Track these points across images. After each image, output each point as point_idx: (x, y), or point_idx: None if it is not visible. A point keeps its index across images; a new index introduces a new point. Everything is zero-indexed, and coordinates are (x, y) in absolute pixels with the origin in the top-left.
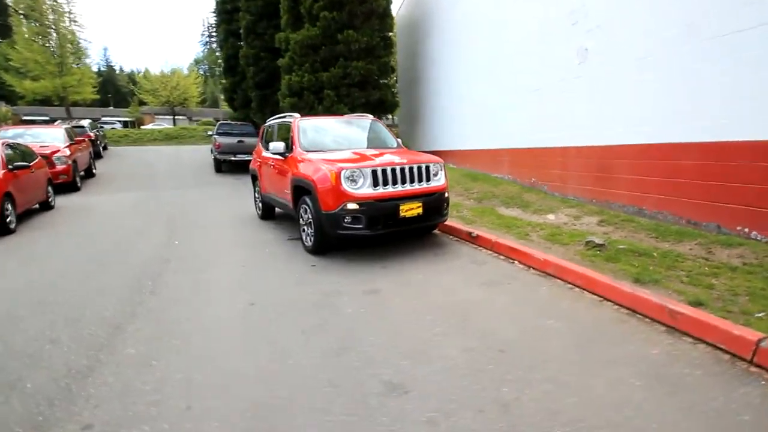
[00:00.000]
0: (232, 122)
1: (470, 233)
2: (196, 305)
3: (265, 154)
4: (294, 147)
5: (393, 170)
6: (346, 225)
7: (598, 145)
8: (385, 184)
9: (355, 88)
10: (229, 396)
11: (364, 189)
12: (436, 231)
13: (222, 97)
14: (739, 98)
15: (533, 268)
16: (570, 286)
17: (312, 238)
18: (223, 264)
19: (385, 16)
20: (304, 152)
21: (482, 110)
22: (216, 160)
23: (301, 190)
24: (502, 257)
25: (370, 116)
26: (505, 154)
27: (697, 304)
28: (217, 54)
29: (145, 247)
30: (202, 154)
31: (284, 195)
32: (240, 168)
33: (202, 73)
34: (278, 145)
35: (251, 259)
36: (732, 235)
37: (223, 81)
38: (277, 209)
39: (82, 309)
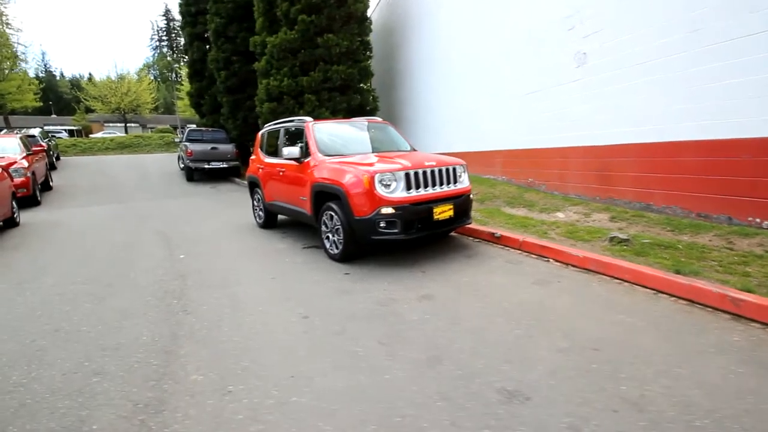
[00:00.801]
0: (203, 128)
1: (493, 234)
2: (244, 322)
3: (268, 160)
4: (311, 152)
5: (424, 173)
6: (381, 230)
7: (599, 145)
8: (418, 187)
9: (336, 92)
10: (348, 418)
11: (398, 192)
12: (453, 233)
13: (178, 103)
14: (744, 98)
15: (572, 266)
16: (617, 281)
17: (340, 245)
18: (248, 277)
19: (363, 20)
20: (324, 157)
21: (469, 114)
22: (188, 168)
23: (326, 195)
24: (533, 256)
25: (379, 119)
26: (498, 155)
27: (746, 291)
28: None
29: (147, 263)
30: (166, 162)
31: (298, 202)
32: (214, 176)
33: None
34: (292, 150)
35: (276, 270)
36: (744, 226)
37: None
38: (280, 217)
39: (114, 335)
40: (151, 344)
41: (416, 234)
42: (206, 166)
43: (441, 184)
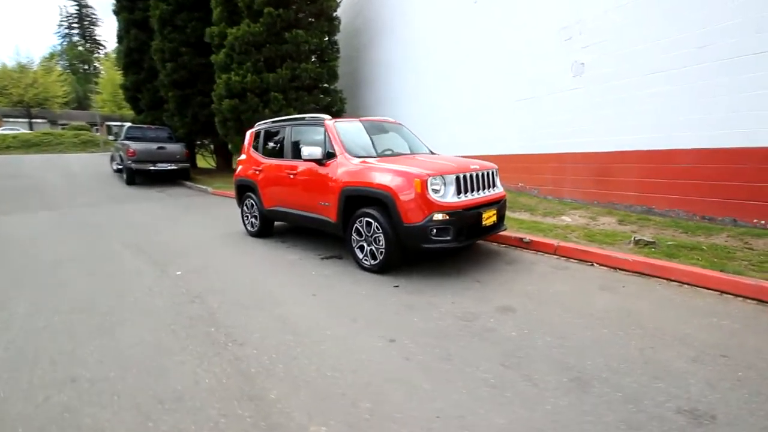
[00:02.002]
0: (144, 126)
1: (522, 239)
2: (322, 351)
3: (268, 161)
4: (337, 153)
5: (471, 176)
6: (433, 238)
7: (599, 152)
8: (467, 191)
9: (305, 92)
10: None
11: (450, 197)
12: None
13: (96, 98)
14: (749, 111)
15: (620, 269)
16: (674, 283)
17: (379, 255)
18: (283, 294)
19: (333, 19)
20: (353, 158)
21: (448, 119)
22: (128, 170)
23: (361, 201)
24: (573, 261)
25: (391, 119)
26: (486, 160)
27: None
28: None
29: (141, 283)
30: (91, 163)
31: (316, 209)
32: (159, 180)
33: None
34: (313, 151)
35: (310, 285)
36: (750, 227)
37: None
38: (276, 224)
39: (161, 380)
40: (221, 389)
41: (466, 242)
42: (151, 168)
43: (485, 188)
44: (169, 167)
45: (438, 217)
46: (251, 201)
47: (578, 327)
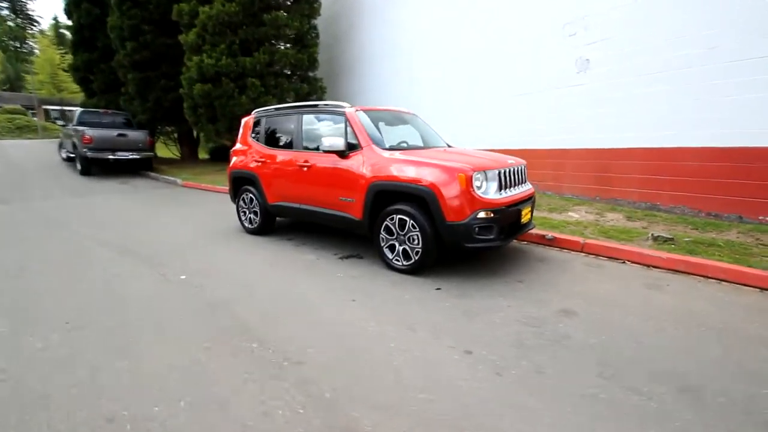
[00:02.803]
0: (99, 110)
1: (545, 236)
2: (396, 368)
3: (273, 152)
4: (362, 144)
5: (510, 172)
6: (477, 237)
7: (602, 148)
8: (507, 187)
9: (284, 78)
10: None
11: (492, 194)
12: None
13: (32, 79)
14: (755, 112)
15: (653, 267)
16: (712, 280)
17: (414, 255)
18: (315, 300)
19: (313, 1)
20: (382, 150)
21: (444, 111)
22: (83, 159)
23: (395, 196)
24: (602, 258)
25: (404, 109)
26: None
27: None
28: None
29: (140, 291)
30: (35, 151)
31: (336, 205)
32: (119, 170)
33: None
34: (335, 141)
35: (343, 290)
36: (756, 224)
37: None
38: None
39: (219, 415)
40: (303, 422)
41: (506, 240)
42: (110, 157)
43: (519, 184)
44: (130, 156)
45: (483, 214)
46: (250, 195)
47: (650, 329)
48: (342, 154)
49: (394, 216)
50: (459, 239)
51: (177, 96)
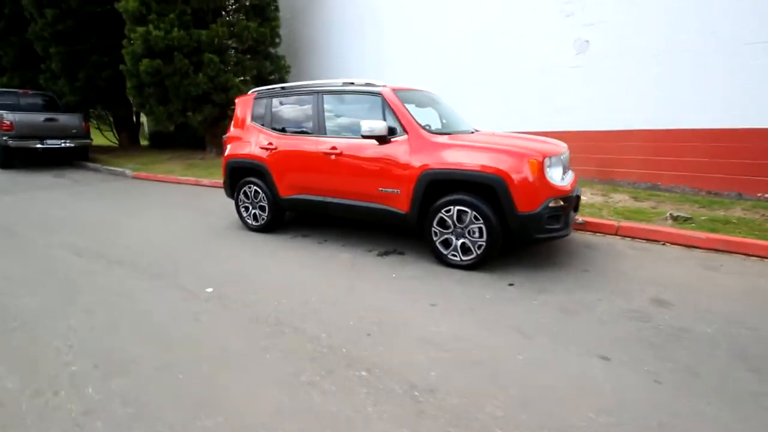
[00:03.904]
0: (17, 91)
1: (576, 220)
2: (536, 384)
3: (287, 138)
4: (407, 129)
5: (565, 157)
6: (547, 227)
7: (601, 130)
8: (565, 173)
9: (246, 54)
10: None
11: (559, 180)
12: None
13: None
14: (754, 94)
15: (694, 247)
16: (755, 258)
17: (478, 249)
18: (390, 308)
19: None
20: (435, 135)
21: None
22: (4, 149)
23: (452, 186)
24: (640, 241)
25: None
26: None
27: None
28: None
29: (168, 312)
30: None
31: (376, 197)
32: (47, 161)
33: None
34: (376, 126)
35: (413, 294)
36: (755, 201)
37: None
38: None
39: None
40: None
41: (569, 229)
42: (38, 146)
43: (568, 169)
44: (63, 145)
45: (553, 203)
46: (255, 188)
47: (752, 315)
48: (383, 140)
49: (452, 208)
50: (530, 230)
51: (114, 74)
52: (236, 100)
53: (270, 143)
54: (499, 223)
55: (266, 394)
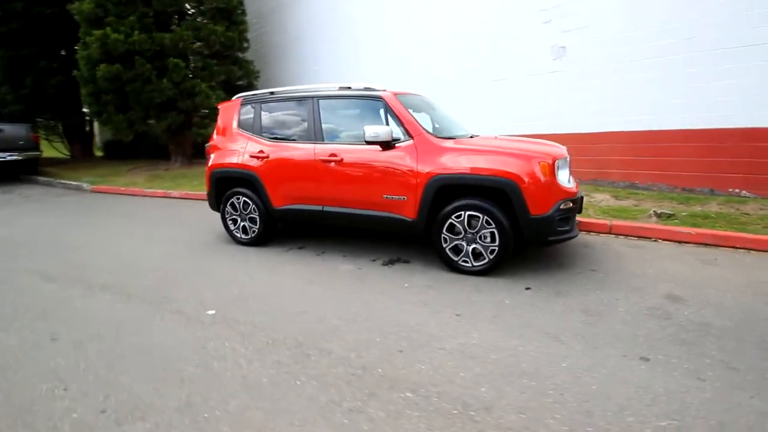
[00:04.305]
0: None
1: None
2: (609, 393)
3: (280, 145)
4: (414, 133)
5: (569, 159)
6: (559, 229)
7: (581, 132)
8: (570, 174)
9: (213, 59)
10: None
11: (566, 182)
12: None
13: None
14: (729, 97)
15: (684, 242)
16: (742, 250)
17: (489, 254)
18: (420, 324)
19: None
20: (441, 140)
21: None
22: None
23: (461, 191)
24: (632, 238)
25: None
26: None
27: None
28: None
29: (173, 342)
30: None
31: (380, 204)
32: None
33: None
34: (380, 131)
35: (435, 305)
36: (727, 196)
37: None
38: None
39: None
40: None
41: (576, 231)
42: None
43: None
44: (9, 158)
45: (563, 205)
46: (244, 199)
47: (764, 306)
48: (387, 146)
49: (462, 213)
50: (542, 233)
51: (64, 80)
52: (219, 107)
53: (261, 151)
54: (510, 228)
55: (312, 428)
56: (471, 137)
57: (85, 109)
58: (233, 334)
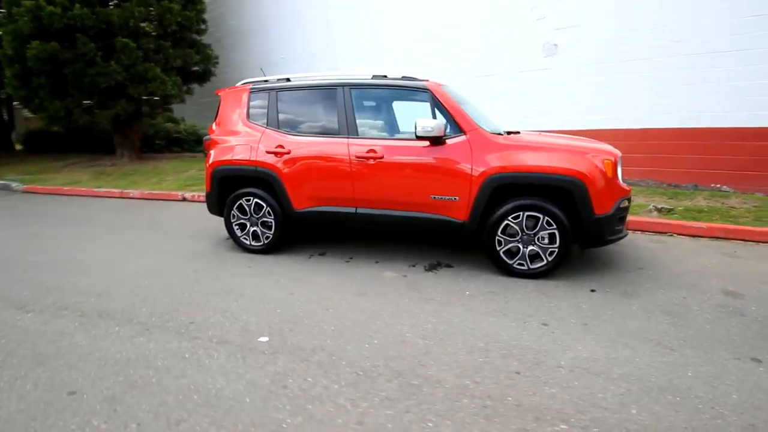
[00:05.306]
0: None
1: None
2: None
3: (305, 140)
4: (467, 128)
5: None
6: (617, 228)
7: (573, 129)
8: None
9: (168, 42)
10: None
11: (622, 181)
12: None
13: None
14: (709, 98)
15: (698, 237)
16: (752, 243)
17: (551, 256)
18: (514, 339)
19: None
20: (494, 135)
21: None
22: None
23: (518, 190)
24: (648, 233)
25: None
26: None
27: None
28: None
29: (231, 381)
30: None
31: (427, 206)
32: None
33: None
34: (433, 124)
35: (514, 314)
36: (710, 190)
37: None
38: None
39: None
40: None
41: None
42: None
43: None
44: None
45: (624, 204)
46: (257, 201)
47: None
48: (437, 141)
49: (520, 214)
50: (603, 233)
51: None
52: (221, 94)
53: (280, 146)
54: (574, 228)
55: None
56: (517, 133)
57: (4, 94)
58: (309, 366)
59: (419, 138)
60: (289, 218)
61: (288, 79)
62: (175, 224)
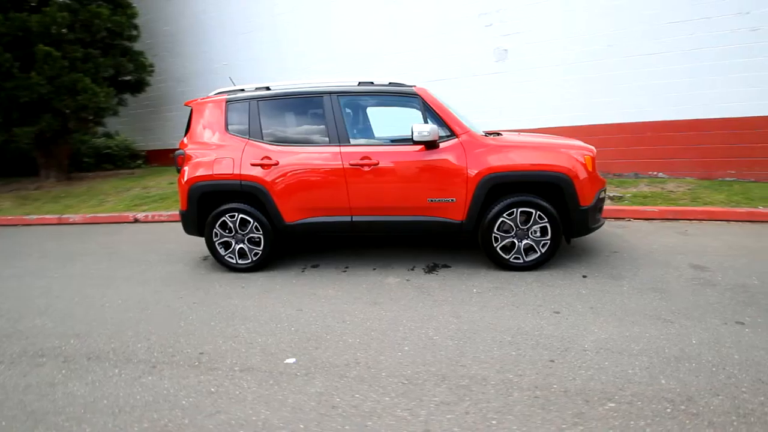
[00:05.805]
0: None
1: None
2: None
3: (293, 150)
4: (459, 130)
5: None
6: (597, 217)
7: (528, 128)
8: None
9: (97, 50)
10: None
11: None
12: None
13: None
14: (642, 94)
15: (650, 219)
16: (696, 221)
17: (543, 248)
18: (541, 335)
19: None
20: (483, 136)
21: None
22: None
23: (511, 188)
24: (610, 219)
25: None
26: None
27: None
28: None
29: (282, 403)
30: None
31: (424, 209)
32: None
33: None
34: (428, 129)
35: (525, 308)
36: (649, 177)
37: None
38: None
39: None
40: None
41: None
42: None
43: None
44: None
45: (602, 194)
46: (242, 216)
47: (757, 265)
48: (432, 145)
49: (514, 210)
50: (587, 224)
51: None
52: (192, 105)
53: (267, 157)
54: (563, 220)
55: None
56: (490, 134)
57: None
58: (350, 382)
59: (416, 143)
60: (279, 232)
61: (268, 88)
62: (136, 249)
